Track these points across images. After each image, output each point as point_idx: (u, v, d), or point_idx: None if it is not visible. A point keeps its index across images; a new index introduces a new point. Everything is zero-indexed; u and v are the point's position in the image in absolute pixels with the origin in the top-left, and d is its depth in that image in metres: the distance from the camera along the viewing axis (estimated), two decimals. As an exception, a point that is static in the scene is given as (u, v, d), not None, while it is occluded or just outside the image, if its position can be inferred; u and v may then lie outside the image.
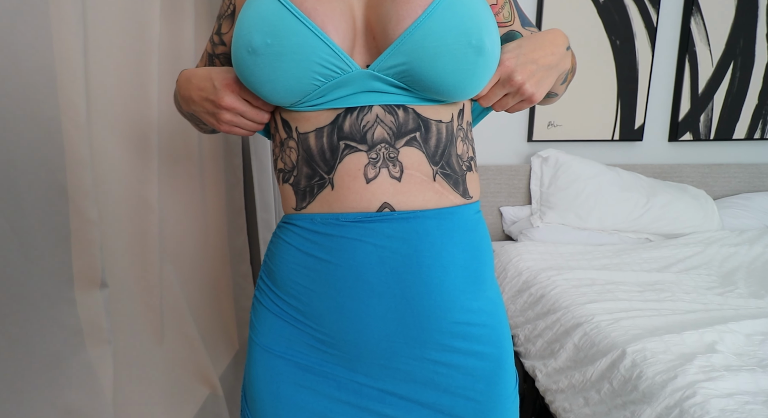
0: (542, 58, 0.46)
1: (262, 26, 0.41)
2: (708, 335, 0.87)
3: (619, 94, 1.71)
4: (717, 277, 1.24)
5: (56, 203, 0.58)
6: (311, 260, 0.47)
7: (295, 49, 0.41)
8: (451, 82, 0.42)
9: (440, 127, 0.46)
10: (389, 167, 0.44)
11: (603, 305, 1.04)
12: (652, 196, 1.55)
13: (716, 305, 1.04)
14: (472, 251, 0.48)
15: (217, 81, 0.46)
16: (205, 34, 1.04)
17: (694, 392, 0.71)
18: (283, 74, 0.42)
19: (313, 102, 0.44)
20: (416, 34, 0.40)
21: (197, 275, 1.03)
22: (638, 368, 0.81)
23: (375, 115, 0.44)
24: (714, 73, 1.75)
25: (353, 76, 0.43)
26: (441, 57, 0.41)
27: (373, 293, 0.45)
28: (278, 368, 0.49)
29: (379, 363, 0.47)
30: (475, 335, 0.48)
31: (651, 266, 1.31)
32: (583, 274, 1.23)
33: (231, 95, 0.46)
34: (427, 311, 0.46)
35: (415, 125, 0.45)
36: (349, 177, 0.45)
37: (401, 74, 0.43)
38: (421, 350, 0.47)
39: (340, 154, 0.44)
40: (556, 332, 1.05)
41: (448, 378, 0.48)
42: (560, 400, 0.95)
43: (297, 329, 0.48)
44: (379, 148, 0.44)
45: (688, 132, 1.79)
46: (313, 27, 0.41)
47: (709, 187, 1.79)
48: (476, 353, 0.48)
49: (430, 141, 0.45)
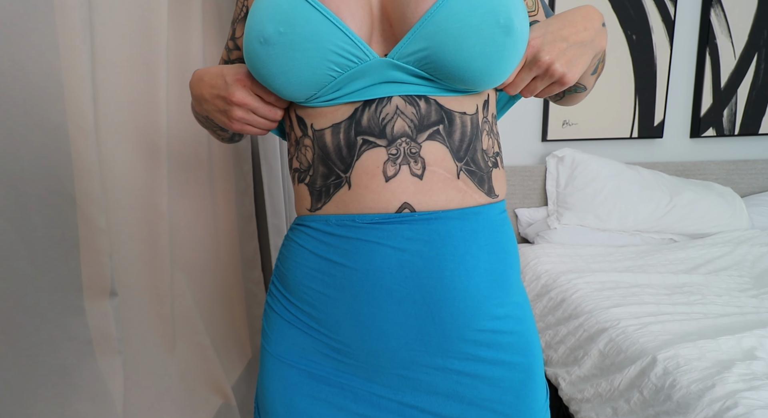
0: (573, 34, 0.41)
1: (275, 15, 0.39)
2: (746, 340, 0.81)
3: (637, 90, 1.66)
4: (750, 278, 1.17)
5: (64, 212, 0.57)
6: (325, 264, 0.44)
7: (309, 37, 0.38)
8: (478, 66, 0.39)
9: (465, 120, 0.43)
10: (410, 164, 0.41)
11: (628, 309, 0.99)
12: (675, 195, 1.49)
13: (752, 307, 0.98)
14: (498, 254, 0.45)
15: (229, 76, 0.44)
16: (213, 39, 1.04)
17: (735, 402, 0.66)
18: (297, 64, 0.39)
19: (329, 96, 0.42)
20: (438, 15, 0.38)
21: (208, 283, 1.02)
22: (671, 376, 0.76)
23: (395, 106, 0.41)
24: (737, 66, 1.68)
25: (371, 65, 0.40)
26: (467, 38, 0.37)
27: (392, 299, 0.42)
28: (292, 378, 0.46)
29: (398, 373, 0.44)
30: (502, 343, 0.45)
31: (678, 268, 1.25)
32: (605, 276, 1.18)
33: (242, 90, 0.44)
34: (450, 317, 0.43)
35: (438, 117, 0.42)
36: (367, 175, 0.42)
37: (423, 61, 0.40)
38: (443, 360, 0.44)
39: (358, 150, 0.42)
40: (579, 338, 1.01)
41: (473, 390, 0.44)
42: (586, 410, 0.90)
43: (311, 337, 0.46)
44: (399, 143, 0.41)
45: (711, 127, 1.72)
46: (328, 13, 0.38)
47: (735, 185, 1.72)
48: (503, 362, 0.45)
49: (455, 134, 0.42)
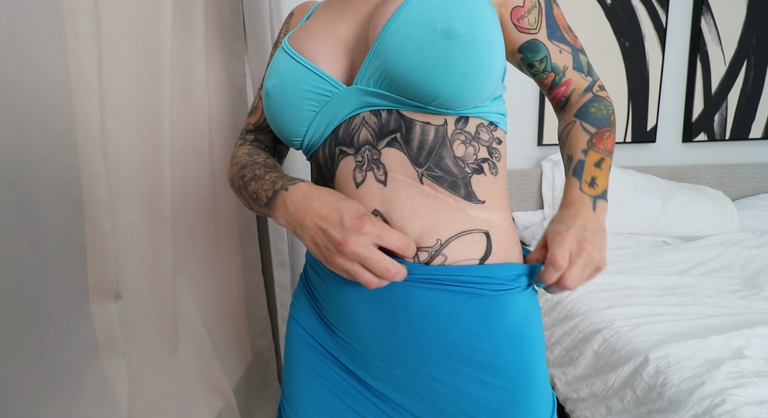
0: (589, 239, 0.42)
1: (272, 73, 0.48)
2: (735, 339, 0.83)
3: (630, 95, 1.69)
4: (740, 280, 1.20)
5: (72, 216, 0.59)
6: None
7: (291, 83, 0.46)
8: (423, 75, 0.39)
9: (426, 129, 0.43)
10: (374, 170, 0.44)
11: (622, 310, 1.01)
12: (668, 199, 1.52)
13: (741, 308, 1.01)
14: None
15: (347, 214, 0.39)
16: (215, 48, 1.06)
17: (723, 399, 0.68)
18: (285, 106, 0.46)
19: (315, 134, 0.47)
20: (384, 35, 0.41)
21: (209, 286, 1.03)
22: (663, 375, 0.78)
23: (362, 118, 0.45)
24: (727, 73, 1.72)
25: (341, 94, 0.45)
26: (406, 49, 0.39)
27: (363, 297, 0.46)
28: (303, 337, 0.52)
29: (375, 364, 0.47)
30: (481, 362, 0.43)
31: (670, 270, 1.27)
32: (600, 278, 1.20)
33: (360, 238, 0.38)
34: (416, 329, 0.43)
35: (396, 125, 0.43)
36: (343, 182, 0.46)
37: (380, 79, 0.43)
38: (416, 362, 0.44)
39: (336, 160, 0.46)
40: (575, 339, 1.03)
41: (448, 400, 0.44)
42: (581, 409, 0.92)
43: (316, 314, 0.52)
44: (363, 151, 0.44)
45: (702, 132, 1.75)
46: (303, 61, 0.46)
47: (726, 188, 1.75)
48: (481, 381, 0.43)
49: (412, 142, 0.43)
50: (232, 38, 1.12)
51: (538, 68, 0.51)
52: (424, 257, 0.43)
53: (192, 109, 0.96)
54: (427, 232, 0.43)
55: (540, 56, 0.49)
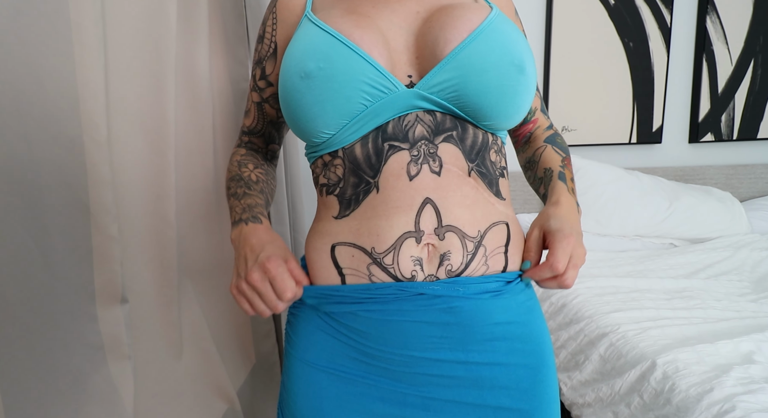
0: (577, 228, 0.50)
1: (315, 54, 0.45)
2: (744, 344, 0.82)
3: (635, 96, 1.68)
4: (749, 283, 1.18)
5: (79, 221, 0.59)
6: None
7: (345, 70, 0.44)
8: (495, 98, 0.45)
9: (476, 132, 0.49)
10: (429, 162, 0.46)
11: (629, 313, 1.00)
12: (675, 200, 1.51)
13: (750, 312, 0.99)
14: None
15: (263, 254, 0.46)
16: (219, 53, 1.07)
17: (733, 405, 0.67)
18: (334, 94, 0.44)
19: (354, 129, 0.47)
20: (464, 52, 0.45)
21: (213, 290, 1.04)
22: (670, 381, 0.77)
23: (415, 115, 0.47)
24: (734, 72, 1.70)
25: (399, 95, 0.46)
26: (487, 72, 0.44)
27: (418, 311, 0.47)
28: (321, 383, 0.49)
29: (424, 373, 0.48)
30: (516, 333, 0.49)
31: (677, 273, 1.26)
32: (605, 282, 1.19)
33: (260, 275, 0.46)
34: (468, 319, 0.47)
35: (452, 125, 0.48)
36: (393, 177, 0.46)
37: (448, 90, 0.45)
38: (464, 354, 0.48)
39: (385, 155, 0.47)
40: (580, 343, 1.02)
41: (492, 378, 0.48)
42: (588, 414, 0.91)
43: (339, 342, 0.49)
44: (419, 145, 0.46)
45: (709, 133, 1.74)
46: (360, 52, 0.45)
47: (734, 189, 1.73)
48: (517, 350, 0.49)
49: (467, 140, 0.48)
50: (236, 43, 1.13)
51: None
52: (471, 248, 0.47)
53: (196, 114, 0.97)
54: (472, 223, 0.48)
55: None
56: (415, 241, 0.46)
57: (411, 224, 0.46)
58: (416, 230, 0.46)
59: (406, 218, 0.46)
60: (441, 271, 0.47)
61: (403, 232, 0.46)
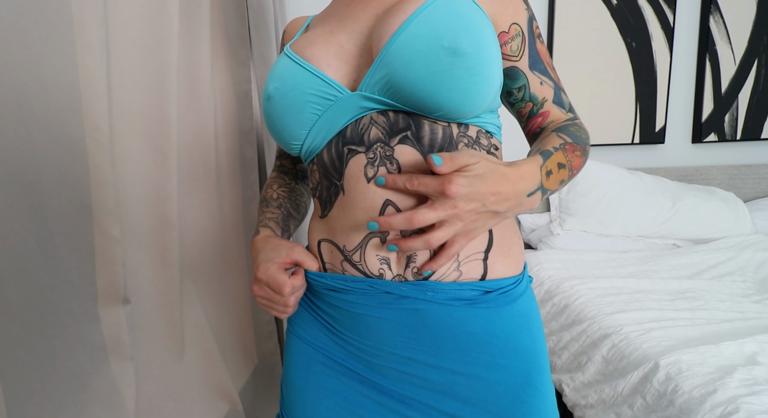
0: (495, 201, 0.40)
1: (273, 76, 0.50)
2: (748, 345, 0.82)
3: (638, 96, 1.67)
4: (753, 283, 1.18)
5: (81, 222, 0.60)
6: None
7: (295, 86, 0.47)
8: (430, 86, 0.42)
9: (435, 128, 0.46)
10: (386, 165, 0.46)
11: (631, 314, 1.00)
12: (678, 200, 1.50)
13: (754, 313, 0.99)
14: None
15: (257, 260, 0.52)
16: (221, 55, 1.07)
17: (736, 407, 0.66)
18: (288, 109, 0.48)
19: (319, 136, 0.48)
20: (393, 46, 0.43)
21: (216, 290, 1.04)
22: (673, 382, 0.76)
23: (369, 118, 0.47)
24: (737, 72, 1.69)
25: (345, 100, 0.46)
26: (414, 62, 0.42)
27: (385, 307, 0.47)
28: (310, 354, 0.52)
29: (396, 368, 0.48)
30: (498, 347, 0.46)
31: (681, 273, 1.25)
32: (608, 282, 1.18)
33: (256, 285, 0.51)
34: (438, 320, 0.46)
35: (406, 124, 0.46)
36: (353, 179, 0.47)
37: (384, 87, 0.45)
38: (436, 358, 0.47)
39: (345, 158, 0.47)
40: (583, 344, 1.01)
41: (468, 390, 0.46)
42: (590, 416, 0.91)
43: (322, 325, 0.52)
44: (375, 148, 0.46)
45: (712, 133, 1.73)
46: (308, 66, 0.47)
47: (738, 190, 1.72)
48: (499, 365, 0.46)
49: (423, 139, 0.45)
50: (238, 45, 1.13)
51: (516, 96, 0.52)
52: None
53: (199, 116, 0.97)
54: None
55: (518, 84, 0.51)
56: (380, 241, 0.46)
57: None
58: (381, 230, 0.45)
59: (370, 218, 0.46)
60: (408, 272, 0.46)
61: (369, 232, 0.46)
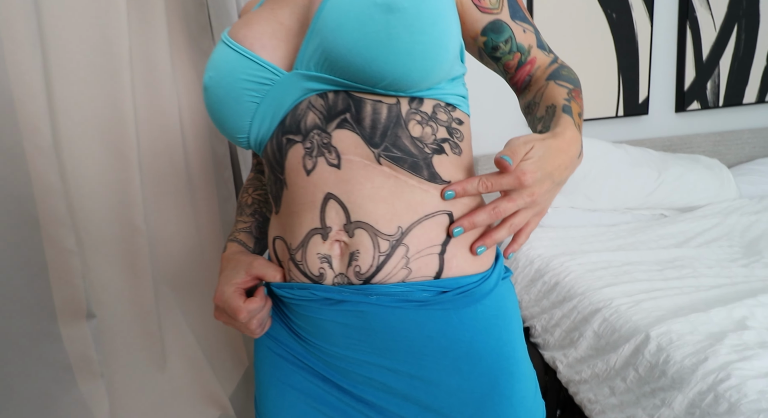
0: (558, 172, 0.39)
1: (209, 65, 0.44)
2: (737, 310, 0.81)
3: (620, 68, 1.65)
4: (740, 248, 1.18)
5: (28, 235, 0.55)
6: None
7: (227, 73, 0.42)
8: (365, 50, 0.37)
9: (378, 107, 0.40)
10: (325, 154, 0.41)
11: (621, 287, 0.99)
12: (664, 170, 1.49)
13: (742, 277, 0.98)
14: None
15: (221, 278, 0.48)
16: (181, 46, 1.01)
17: (728, 374, 0.66)
18: (225, 99, 0.43)
19: (264, 127, 0.44)
20: (322, 12, 0.39)
21: (197, 294, 1.00)
22: (665, 352, 0.76)
23: (308, 102, 0.42)
24: (717, 38, 1.67)
25: (282, 81, 0.42)
26: (344, 24, 0.37)
27: (330, 307, 0.43)
28: (275, 349, 0.50)
29: (354, 371, 0.44)
30: (459, 352, 0.42)
31: (669, 243, 1.25)
32: (597, 257, 1.17)
33: (216, 311, 0.48)
34: (385, 324, 0.42)
35: (345, 105, 0.41)
36: (293, 172, 0.43)
37: (320, 61, 0.40)
38: (392, 362, 0.43)
39: (284, 149, 0.43)
40: (574, 320, 1.00)
41: (429, 395, 0.43)
42: (584, 391, 0.90)
43: (286, 327, 0.49)
44: (312, 136, 0.41)
45: (695, 101, 1.71)
46: (240, 49, 0.42)
47: (722, 156, 1.72)
48: (461, 371, 0.42)
49: (364, 121, 0.40)
50: (199, 35, 1.07)
51: (504, 50, 0.48)
52: (384, 248, 0.40)
53: (161, 113, 0.92)
54: (389, 217, 0.40)
55: (505, 37, 0.47)
56: (322, 238, 0.42)
57: (317, 221, 0.42)
58: (322, 226, 0.42)
59: (311, 214, 0.42)
60: (350, 271, 0.41)
61: (310, 229, 0.42)
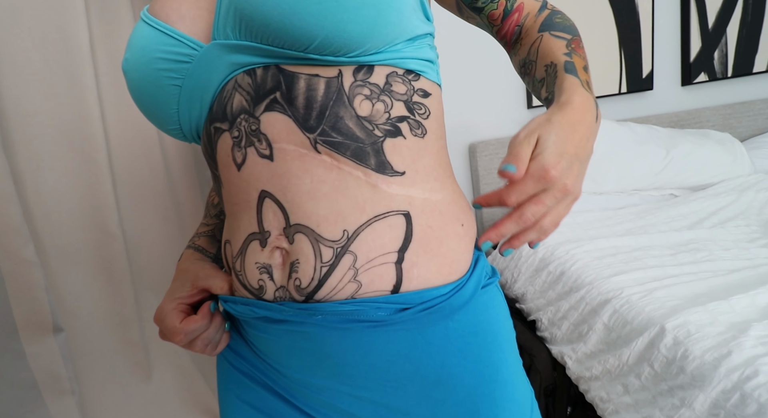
0: (581, 149, 0.34)
1: (126, 47, 0.38)
2: (761, 296, 0.75)
3: (621, 42, 1.56)
4: (758, 226, 1.11)
5: (-24, 247, 0.51)
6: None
7: (142, 52, 0.36)
8: (284, 6, 0.30)
9: (313, 83, 0.33)
10: (255, 144, 0.34)
11: (632, 275, 0.93)
12: (672, 148, 1.41)
13: (764, 258, 0.92)
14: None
15: (166, 297, 0.43)
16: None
17: (755, 370, 0.60)
18: (143, 83, 0.36)
19: (194, 115, 0.38)
20: None
21: (184, 299, 0.96)
22: (682, 347, 0.70)
23: (234, 81, 0.35)
24: (723, 4, 1.58)
25: (202, 56, 0.35)
26: None
27: (278, 325, 0.37)
28: (231, 360, 0.44)
29: (312, 395, 0.39)
30: (428, 377, 0.36)
31: (681, 224, 1.18)
32: (605, 243, 1.11)
33: (156, 314, 0.42)
34: (336, 347, 0.35)
35: (275, 83, 0.34)
36: (225, 167, 0.37)
37: (238, 24, 0.33)
38: (351, 388, 0.37)
39: (213, 140, 0.37)
40: (582, 312, 0.95)
41: None
42: (596, 388, 0.85)
43: (243, 340, 0.43)
44: (239, 123, 0.35)
45: (702, 73, 1.63)
46: (154, 22, 0.36)
47: (733, 129, 1.63)
48: (432, 398, 0.36)
49: (297, 99, 0.33)
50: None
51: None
52: (327, 257, 0.33)
53: (133, 110, 0.86)
54: (333, 219, 0.34)
55: None
56: (260, 244, 0.35)
57: (255, 224, 0.35)
58: (260, 230, 0.35)
59: (248, 216, 0.36)
60: (291, 284, 0.35)
61: (248, 233, 0.36)
